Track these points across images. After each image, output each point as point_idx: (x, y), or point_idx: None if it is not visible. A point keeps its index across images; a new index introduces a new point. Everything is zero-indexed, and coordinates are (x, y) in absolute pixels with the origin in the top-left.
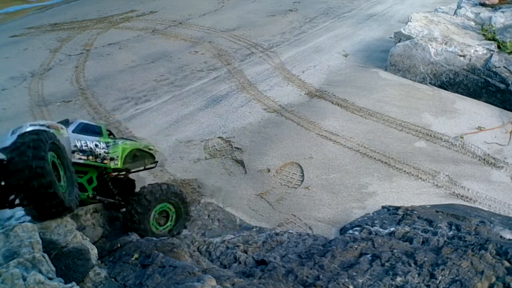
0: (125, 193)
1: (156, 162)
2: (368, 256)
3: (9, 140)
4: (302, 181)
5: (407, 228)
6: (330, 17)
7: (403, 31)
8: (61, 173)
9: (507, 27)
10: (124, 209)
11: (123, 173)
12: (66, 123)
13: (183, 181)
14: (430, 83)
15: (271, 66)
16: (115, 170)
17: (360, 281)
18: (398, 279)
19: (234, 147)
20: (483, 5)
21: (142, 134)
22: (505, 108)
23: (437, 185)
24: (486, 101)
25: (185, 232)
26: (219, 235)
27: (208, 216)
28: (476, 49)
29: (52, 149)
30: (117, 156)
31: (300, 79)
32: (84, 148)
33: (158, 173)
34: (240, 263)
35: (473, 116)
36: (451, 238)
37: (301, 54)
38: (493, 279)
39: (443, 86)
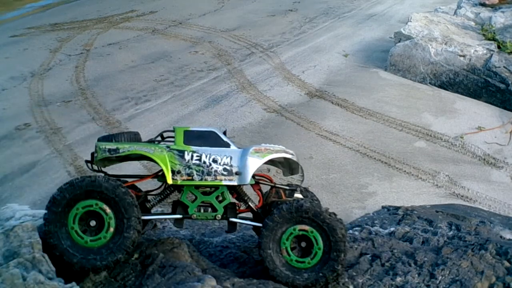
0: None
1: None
2: (368, 256)
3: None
4: (302, 181)
5: (407, 228)
6: (330, 17)
7: (403, 31)
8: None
9: (507, 27)
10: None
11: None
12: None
13: None
14: (430, 83)
15: (271, 66)
16: None
17: (360, 281)
18: (398, 279)
19: None
20: (483, 5)
21: (142, 134)
22: (505, 108)
23: (437, 185)
24: (486, 101)
25: (185, 232)
26: (219, 235)
27: None
28: (476, 49)
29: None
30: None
31: (300, 79)
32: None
33: None
34: (240, 263)
35: (473, 116)
36: (451, 238)
37: (301, 54)
38: (493, 279)
39: (443, 86)
